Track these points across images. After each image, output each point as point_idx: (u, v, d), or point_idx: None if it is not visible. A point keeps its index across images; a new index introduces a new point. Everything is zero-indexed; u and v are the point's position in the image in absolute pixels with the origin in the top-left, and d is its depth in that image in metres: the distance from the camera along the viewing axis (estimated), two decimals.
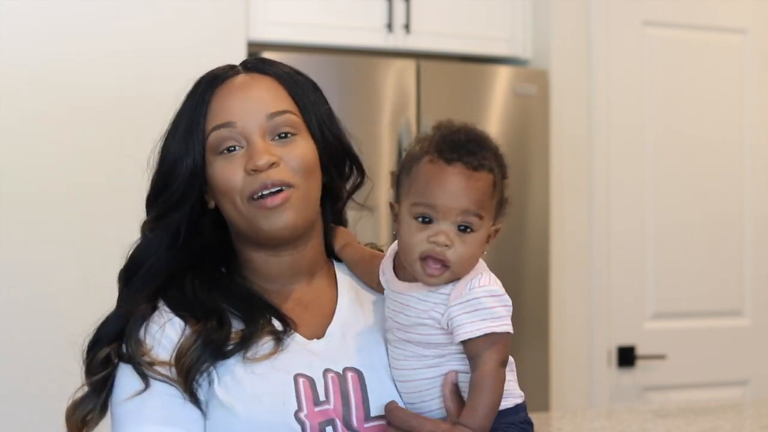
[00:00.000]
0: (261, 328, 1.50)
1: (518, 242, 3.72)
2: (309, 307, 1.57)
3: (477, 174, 1.44)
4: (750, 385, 4.15)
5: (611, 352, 3.94)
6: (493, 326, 1.41)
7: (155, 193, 1.57)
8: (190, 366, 1.46)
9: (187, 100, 1.57)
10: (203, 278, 1.55)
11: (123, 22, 3.30)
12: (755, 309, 4.16)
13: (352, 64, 3.56)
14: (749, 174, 4.14)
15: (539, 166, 3.77)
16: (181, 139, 1.55)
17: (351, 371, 1.50)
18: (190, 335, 1.48)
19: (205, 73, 1.59)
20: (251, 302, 1.54)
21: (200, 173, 1.54)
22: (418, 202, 1.44)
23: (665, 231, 4.02)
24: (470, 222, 1.43)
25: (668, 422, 2.87)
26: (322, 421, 1.45)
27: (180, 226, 1.56)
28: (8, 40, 3.19)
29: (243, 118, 1.52)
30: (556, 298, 3.82)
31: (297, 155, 1.53)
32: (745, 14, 4.17)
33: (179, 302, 1.52)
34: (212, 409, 1.46)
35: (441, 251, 1.42)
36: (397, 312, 1.48)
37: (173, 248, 1.56)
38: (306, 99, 1.58)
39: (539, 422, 2.94)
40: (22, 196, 3.20)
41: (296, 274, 1.58)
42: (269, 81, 1.57)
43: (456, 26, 3.77)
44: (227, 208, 1.54)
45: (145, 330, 1.50)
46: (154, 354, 1.48)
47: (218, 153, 1.53)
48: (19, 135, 3.20)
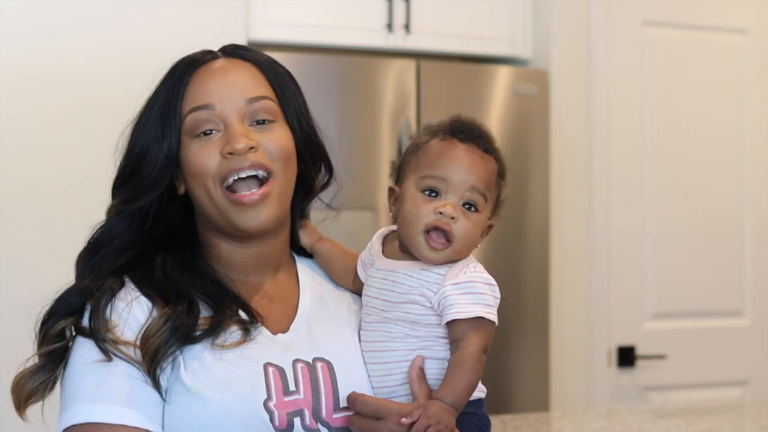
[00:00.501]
0: (229, 317, 1.47)
1: (518, 242, 3.72)
2: (274, 301, 1.55)
3: (487, 156, 1.48)
4: (750, 385, 4.15)
5: (611, 352, 3.94)
6: (484, 311, 1.44)
7: (125, 177, 1.54)
8: (157, 349, 1.41)
9: (163, 83, 1.55)
10: (175, 260, 1.52)
11: (123, 22, 3.30)
12: (755, 309, 4.16)
13: (352, 64, 3.56)
14: (749, 174, 4.14)
15: (539, 166, 3.77)
16: (156, 122, 1.52)
17: (320, 361, 1.49)
18: (158, 318, 1.44)
19: (182, 57, 1.56)
20: (220, 290, 1.51)
21: (175, 157, 1.50)
22: (427, 174, 1.46)
23: (665, 231, 4.02)
24: (476, 201, 1.46)
25: (668, 422, 2.87)
26: (290, 411, 1.44)
27: (149, 210, 1.53)
28: (8, 40, 3.19)
29: (221, 100, 1.50)
30: (556, 298, 3.82)
31: (275, 142, 1.50)
32: (745, 14, 4.17)
33: (147, 281, 1.48)
34: (176, 394, 1.42)
35: (447, 222, 1.44)
36: (385, 290, 1.48)
37: (139, 232, 1.53)
38: (284, 87, 1.56)
39: (539, 422, 2.93)
40: (22, 195, 3.20)
41: (261, 266, 1.56)
42: (249, 66, 1.55)
43: (456, 26, 3.77)
44: (199, 193, 1.50)
45: (111, 306, 1.45)
46: (118, 332, 1.43)
47: (194, 136, 1.50)
48: (19, 134, 3.20)
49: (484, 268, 1.52)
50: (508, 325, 3.69)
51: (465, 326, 1.43)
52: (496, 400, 3.63)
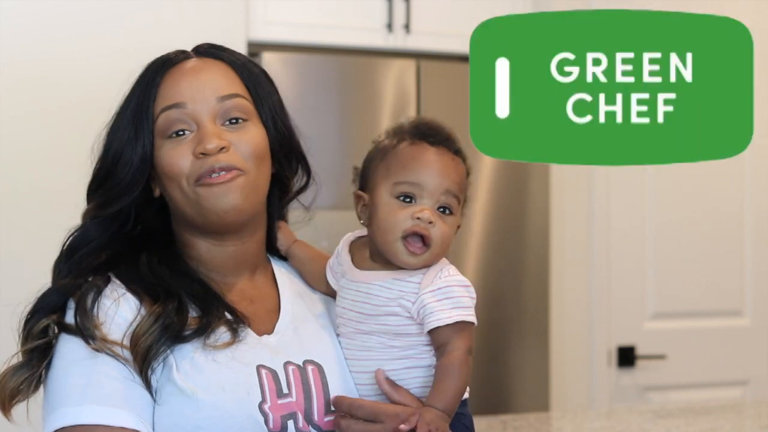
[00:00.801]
0: (217, 317, 1.45)
1: (518, 242, 3.72)
2: (255, 302, 1.54)
3: (458, 158, 1.48)
4: (750, 385, 4.15)
5: (611, 352, 3.94)
6: (464, 315, 1.43)
7: (100, 181, 1.52)
8: (149, 348, 1.39)
9: (136, 84, 1.54)
10: (161, 257, 1.50)
11: (123, 22, 3.30)
12: (755, 309, 4.16)
13: (352, 64, 3.56)
14: (749, 174, 4.14)
15: (539, 166, 3.77)
16: (129, 124, 1.50)
17: (311, 364, 1.48)
18: (148, 316, 1.41)
19: (155, 58, 1.55)
20: (206, 290, 1.49)
21: (149, 159, 1.49)
22: (400, 181, 1.45)
23: (665, 231, 4.02)
24: (450, 204, 1.46)
25: (668, 422, 2.87)
26: (284, 414, 1.43)
27: (126, 213, 1.51)
28: (8, 40, 3.19)
29: (193, 99, 1.48)
30: (556, 298, 3.82)
31: (248, 141, 1.48)
32: (745, 14, 4.16)
33: (132, 277, 1.46)
34: (168, 395, 1.40)
35: (425, 227, 1.43)
36: (358, 302, 1.47)
37: (117, 234, 1.51)
38: (259, 87, 1.54)
39: (539, 422, 2.93)
40: (22, 195, 3.20)
41: (239, 266, 1.54)
42: (221, 65, 1.53)
43: (456, 26, 3.76)
44: (174, 193, 1.49)
45: (97, 303, 1.43)
46: (105, 330, 1.40)
47: (167, 137, 1.48)
48: (18, 134, 3.20)
49: (485, 267, 1.51)
50: (508, 325, 3.69)
51: (447, 332, 1.42)
52: (496, 400, 3.63)
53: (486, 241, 3.65)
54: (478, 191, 3.65)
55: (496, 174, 3.69)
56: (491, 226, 3.66)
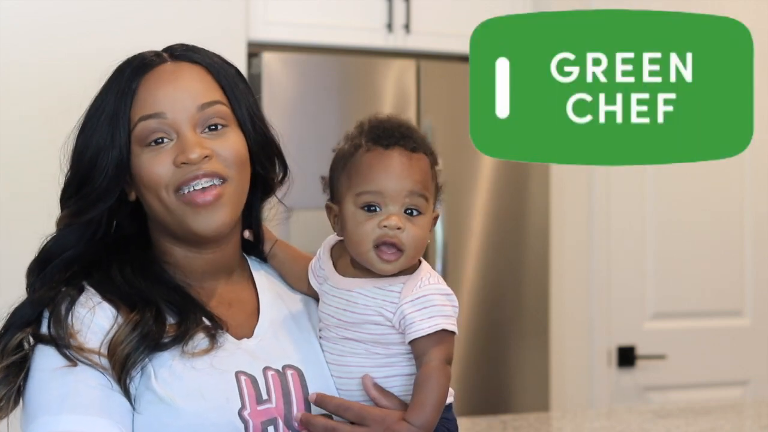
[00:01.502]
0: (195, 324, 1.44)
1: (518, 242, 3.72)
2: (233, 306, 1.52)
3: (416, 155, 1.44)
4: (750, 385, 4.15)
5: (611, 352, 3.94)
6: (444, 323, 1.40)
7: (75, 187, 1.50)
8: (127, 357, 1.37)
9: (110, 86, 1.51)
10: (134, 265, 1.48)
11: (123, 23, 3.30)
12: (755, 309, 4.16)
13: (352, 64, 3.56)
14: (749, 174, 4.14)
15: (539, 166, 3.77)
16: (105, 130, 1.47)
17: (290, 369, 1.47)
18: (125, 325, 1.40)
19: (129, 59, 1.53)
20: (183, 297, 1.47)
21: (125, 165, 1.46)
22: (362, 191, 1.42)
23: (665, 231, 4.02)
24: (417, 204, 1.43)
25: (668, 422, 2.87)
26: (264, 420, 1.42)
27: (101, 219, 1.49)
28: (8, 39, 3.19)
29: (173, 109, 1.45)
30: (556, 298, 3.82)
31: (229, 147, 1.46)
32: (745, 14, 4.16)
33: (107, 287, 1.45)
34: (147, 404, 1.38)
35: (394, 234, 1.40)
36: (341, 309, 1.46)
37: (91, 241, 1.49)
38: (236, 89, 1.51)
39: (539, 422, 2.94)
40: (22, 195, 3.20)
41: (218, 271, 1.53)
42: (198, 70, 1.50)
43: (456, 26, 3.76)
44: (152, 202, 1.47)
45: (72, 313, 1.41)
46: (81, 339, 1.39)
47: (145, 145, 1.46)
48: (18, 135, 3.20)
49: (485, 267, 1.51)
50: (508, 325, 3.69)
51: (426, 342, 1.40)
52: (496, 400, 3.63)
53: (486, 241, 3.65)
54: (478, 191, 3.65)
55: (496, 174, 3.69)
56: (491, 226, 3.66)
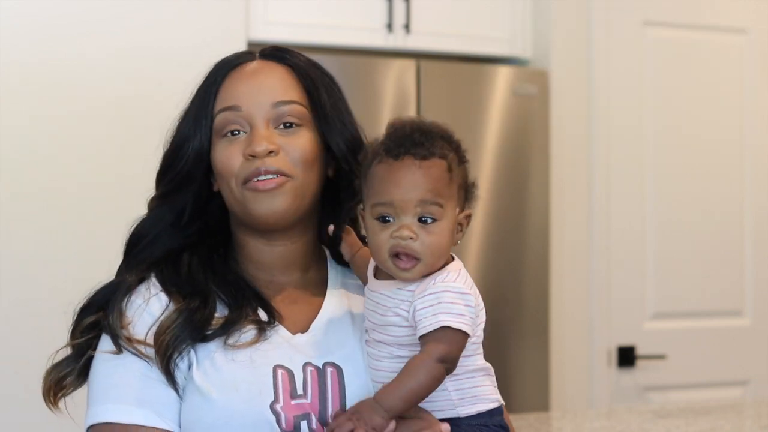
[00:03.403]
0: (245, 316, 1.49)
1: (518, 242, 3.72)
2: (297, 302, 1.56)
3: (427, 162, 1.44)
4: (750, 385, 4.15)
5: (611, 352, 3.94)
6: (449, 320, 1.39)
7: (163, 171, 1.57)
8: (168, 344, 1.44)
9: (203, 82, 1.58)
10: (201, 258, 1.55)
11: (123, 23, 3.30)
12: (755, 309, 4.16)
13: (352, 64, 3.56)
14: (749, 174, 4.14)
15: (539, 166, 3.77)
16: (191, 120, 1.55)
17: (331, 366, 1.49)
18: (171, 313, 1.46)
19: (223, 58, 1.59)
20: (241, 289, 1.52)
21: (206, 155, 1.54)
22: (376, 203, 1.44)
23: (665, 231, 4.02)
24: (430, 212, 1.43)
25: (668, 422, 2.87)
26: (297, 414, 1.44)
27: (185, 205, 1.55)
28: (8, 39, 3.19)
29: (249, 103, 1.52)
30: (556, 298, 3.82)
31: (298, 146, 1.52)
32: (746, 14, 4.17)
33: (171, 279, 1.51)
34: (190, 393, 1.44)
35: (406, 245, 1.41)
36: (371, 311, 1.47)
37: (176, 226, 1.56)
38: (319, 91, 1.57)
39: (539, 422, 2.93)
40: (22, 195, 3.20)
41: (289, 266, 1.57)
42: (282, 69, 1.57)
43: (456, 26, 3.77)
44: (225, 190, 1.53)
45: (127, 302, 1.49)
46: (131, 328, 1.46)
47: (222, 135, 1.53)
48: (18, 135, 3.20)
49: (485, 267, 1.50)
50: (508, 325, 3.69)
51: (428, 338, 1.40)
52: None
53: (486, 241, 3.65)
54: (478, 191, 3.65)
55: (496, 174, 3.69)
56: (491, 226, 3.66)
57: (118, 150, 3.25)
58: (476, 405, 1.48)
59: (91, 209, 3.25)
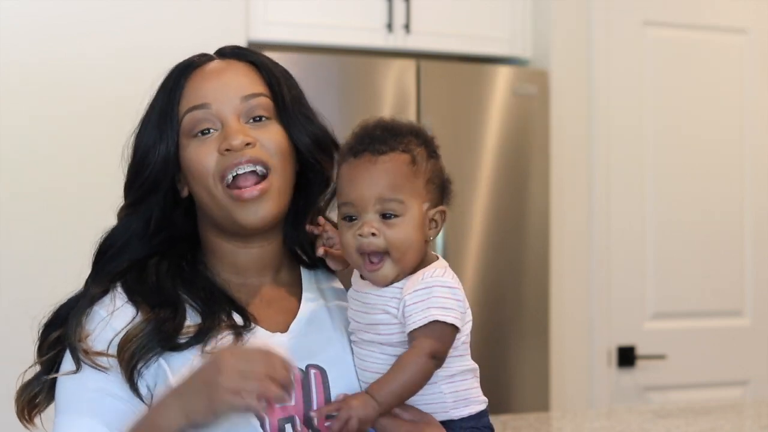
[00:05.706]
0: (219, 322, 1.47)
1: (518, 242, 3.72)
2: (272, 303, 1.55)
3: (384, 157, 1.43)
4: (750, 385, 4.15)
5: (611, 352, 3.94)
6: (438, 314, 1.39)
7: (130, 181, 1.56)
8: (134, 353, 1.42)
9: (160, 88, 1.57)
10: (169, 266, 1.53)
11: (123, 23, 3.30)
12: (755, 309, 4.16)
13: (352, 64, 3.56)
14: (749, 174, 4.14)
15: (539, 166, 3.77)
16: (154, 126, 1.53)
17: (314, 368, 1.48)
18: (139, 323, 1.45)
19: (178, 63, 1.58)
20: (212, 295, 1.50)
21: (173, 159, 1.52)
22: (341, 203, 1.45)
23: (665, 231, 4.02)
24: (391, 208, 1.42)
25: (668, 422, 2.87)
26: (281, 417, 1.43)
27: (152, 213, 1.54)
28: (8, 39, 3.19)
29: (217, 100, 1.51)
30: (556, 298, 3.82)
31: (272, 138, 1.51)
32: (746, 14, 4.17)
33: (138, 288, 1.50)
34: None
35: (369, 242, 1.41)
36: (359, 311, 1.47)
37: (144, 235, 1.54)
38: (280, 85, 1.56)
39: (539, 422, 2.94)
40: (23, 195, 3.20)
41: (263, 267, 1.56)
42: (243, 66, 1.56)
43: (456, 26, 3.77)
44: (200, 192, 1.51)
45: (89, 314, 1.48)
46: (91, 341, 1.45)
47: (192, 136, 1.51)
48: (18, 135, 3.20)
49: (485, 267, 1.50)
50: (508, 325, 3.69)
51: (417, 333, 1.40)
52: (497, 400, 3.63)
53: (486, 241, 3.65)
54: (478, 191, 3.65)
55: (496, 174, 3.69)
56: (491, 226, 3.66)
57: (118, 150, 3.24)
58: (468, 407, 1.48)
59: (91, 209, 3.24)
